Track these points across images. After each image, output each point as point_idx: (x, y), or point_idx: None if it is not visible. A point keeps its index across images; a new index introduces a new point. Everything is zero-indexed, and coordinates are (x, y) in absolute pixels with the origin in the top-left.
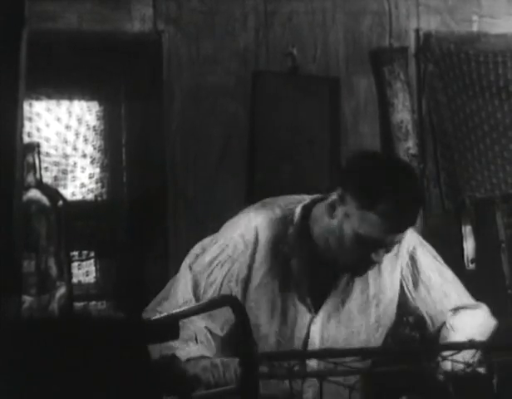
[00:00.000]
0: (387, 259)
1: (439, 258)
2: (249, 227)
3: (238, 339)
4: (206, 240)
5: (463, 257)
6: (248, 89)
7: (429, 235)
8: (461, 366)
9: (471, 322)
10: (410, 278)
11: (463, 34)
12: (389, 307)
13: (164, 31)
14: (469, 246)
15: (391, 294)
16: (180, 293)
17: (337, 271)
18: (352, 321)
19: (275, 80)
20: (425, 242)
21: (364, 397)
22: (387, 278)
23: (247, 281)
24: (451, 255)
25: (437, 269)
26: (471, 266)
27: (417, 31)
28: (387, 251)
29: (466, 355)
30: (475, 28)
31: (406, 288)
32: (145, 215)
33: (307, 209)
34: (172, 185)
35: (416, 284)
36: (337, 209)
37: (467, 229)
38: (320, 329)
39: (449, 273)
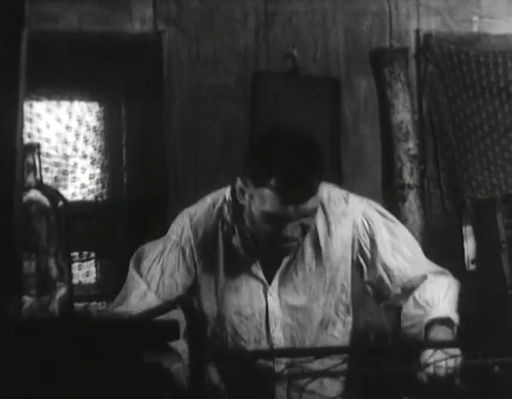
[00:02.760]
0: (335, 218)
1: (389, 214)
2: (181, 220)
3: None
4: (149, 243)
5: (463, 257)
6: (248, 89)
7: (429, 235)
8: (442, 367)
9: (440, 292)
10: (366, 236)
11: (463, 35)
12: (341, 265)
13: (164, 31)
14: (469, 246)
15: (341, 252)
16: (133, 297)
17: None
18: (309, 286)
19: (275, 80)
20: (372, 202)
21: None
22: (338, 236)
23: (192, 268)
24: (451, 255)
25: (387, 227)
26: (472, 266)
27: (417, 31)
28: (302, 227)
29: (446, 355)
30: (475, 29)
31: (363, 246)
32: (145, 215)
33: (236, 186)
34: (172, 185)
35: (372, 242)
36: (245, 193)
37: (467, 230)
38: (278, 299)
39: (400, 230)
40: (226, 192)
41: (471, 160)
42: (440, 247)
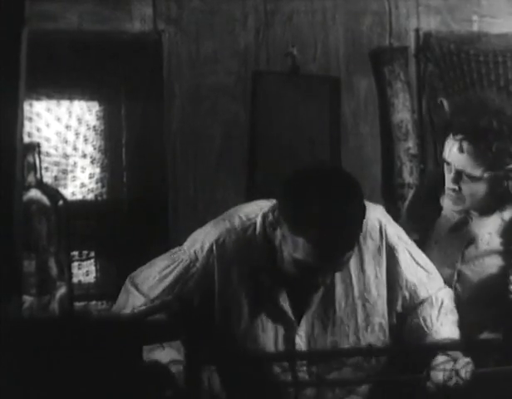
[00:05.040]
0: (370, 255)
1: (410, 246)
2: (206, 243)
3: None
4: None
5: None
6: (248, 89)
7: None
8: (452, 377)
9: (447, 320)
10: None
11: (463, 34)
12: (378, 304)
13: (164, 31)
14: None
15: (378, 290)
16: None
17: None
18: (339, 326)
19: (275, 80)
20: (403, 235)
21: None
22: (371, 274)
23: (208, 300)
24: None
25: (413, 265)
26: None
27: (417, 30)
28: (335, 271)
29: (457, 364)
30: (475, 28)
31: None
32: (145, 215)
33: (267, 218)
34: (172, 185)
35: (397, 276)
36: (277, 230)
37: None
38: (305, 340)
39: (420, 268)
40: (257, 220)
41: None
42: None
